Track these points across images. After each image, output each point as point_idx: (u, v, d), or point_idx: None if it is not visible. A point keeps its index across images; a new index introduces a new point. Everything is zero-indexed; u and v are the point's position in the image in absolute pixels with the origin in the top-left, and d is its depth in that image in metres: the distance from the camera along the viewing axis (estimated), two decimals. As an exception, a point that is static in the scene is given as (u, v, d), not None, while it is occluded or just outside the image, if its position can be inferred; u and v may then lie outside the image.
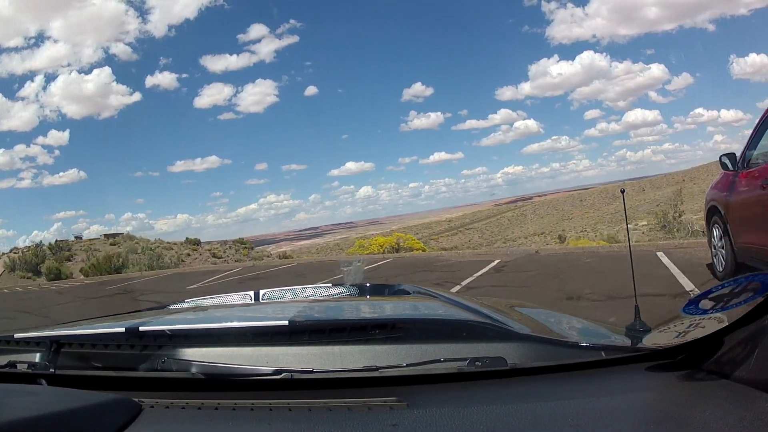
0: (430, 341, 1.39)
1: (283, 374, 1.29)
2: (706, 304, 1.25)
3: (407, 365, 1.29)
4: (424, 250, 23.57)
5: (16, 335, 1.62)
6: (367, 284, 3.01)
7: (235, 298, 2.87)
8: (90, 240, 42.89)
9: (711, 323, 1.23)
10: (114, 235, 43.37)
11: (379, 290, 2.95)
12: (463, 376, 1.29)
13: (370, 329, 1.43)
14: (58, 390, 1.32)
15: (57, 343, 1.52)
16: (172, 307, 2.77)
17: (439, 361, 1.29)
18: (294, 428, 1.13)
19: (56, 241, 39.21)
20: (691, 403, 1.14)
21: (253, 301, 2.74)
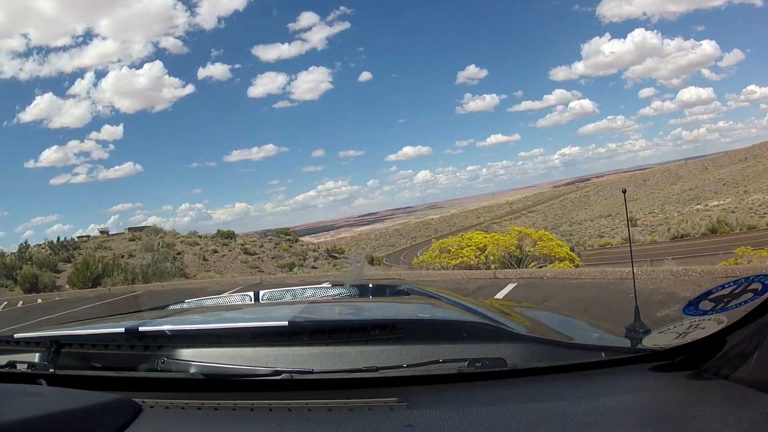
0: (430, 342, 1.39)
1: (283, 375, 1.29)
2: (706, 305, 1.25)
3: (407, 366, 1.29)
4: (574, 263, 12.97)
5: (16, 335, 1.62)
6: (367, 285, 3.01)
7: (235, 298, 2.89)
8: (109, 236, 38.92)
9: (711, 324, 1.23)
10: (138, 229, 39.52)
11: (380, 291, 2.97)
12: (463, 376, 1.29)
13: (370, 330, 1.43)
14: (57, 390, 1.32)
15: (57, 343, 1.52)
16: (172, 307, 2.77)
17: (439, 362, 1.29)
18: (294, 429, 1.13)
19: (58, 239, 34.44)
20: (691, 403, 1.14)
21: (253, 302, 2.75)
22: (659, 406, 1.15)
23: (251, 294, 2.81)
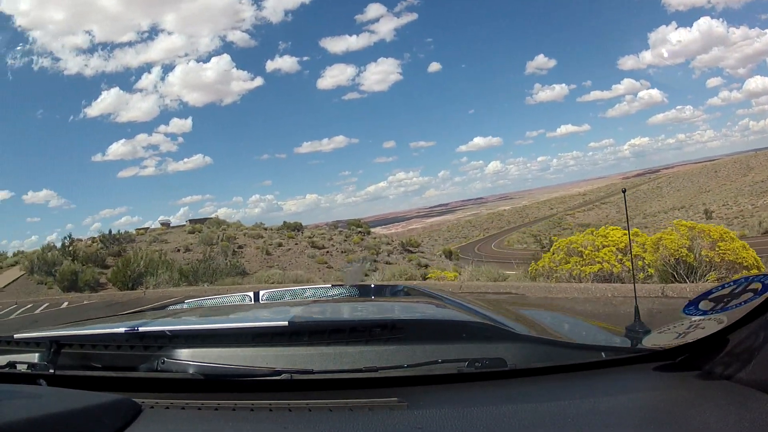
0: (430, 342, 1.39)
1: (283, 375, 1.30)
2: (706, 305, 1.26)
3: (407, 366, 1.29)
4: (761, 272, 5.55)
5: (16, 335, 1.62)
6: (367, 285, 3.02)
7: (235, 298, 2.91)
8: (169, 228, 36.83)
9: (711, 324, 1.23)
10: (200, 220, 37.43)
11: (380, 291, 3.00)
12: (464, 377, 1.29)
13: (371, 330, 1.43)
14: (57, 390, 1.32)
15: (57, 343, 1.52)
16: (172, 307, 2.81)
17: (439, 362, 1.30)
18: (294, 429, 1.13)
19: (110, 232, 31.64)
20: (691, 403, 1.14)
21: (253, 302, 2.77)
22: (659, 406, 1.15)
23: (251, 294, 2.84)
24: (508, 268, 18.00)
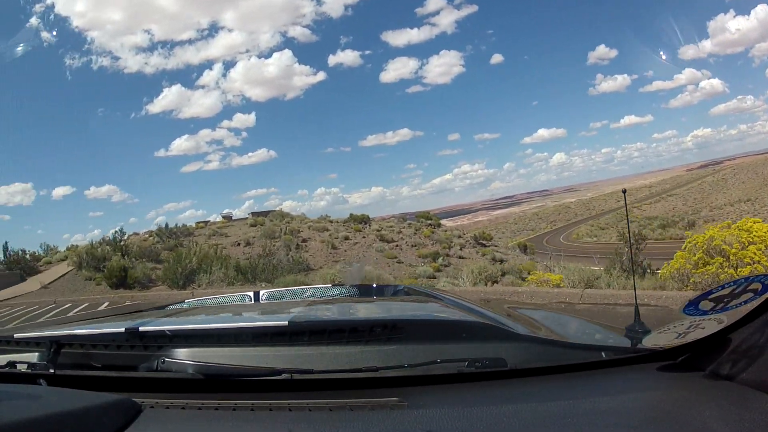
0: (430, 342, 1.40)
1: (283, 375, 1.30)
2: (706, 305, 1.26)
3: (407, 366, 1.30)
4: None
5: (16, 335, 1.63)
6: (368, 285, 3.11)
7: (235, 298, 2.87)
8: (231, 221, 35.02)
9: (711, 324, 1.24)
10: (263, 213, 35.53)
11: (380, 291, 3.00)
12: (464, 376, 1.29)
13: (371, 330, 1.44)
14: (57, 390, 1.31)
15: (57, 343, 1.51)
16: (172, 307, 2.77)
17: (439, 362, 1.30)
18: (294, 429, 1.13)
19: (166, 226, 30.32)
20: (691, 403, 1.14)
21: (253, 302, 2.76)
22: (659, 406, 1.15)
23: (251, 294, 2.80)
24: (587, 263, 16.49)
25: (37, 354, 1.55)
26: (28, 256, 29.66)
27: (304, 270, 21.95)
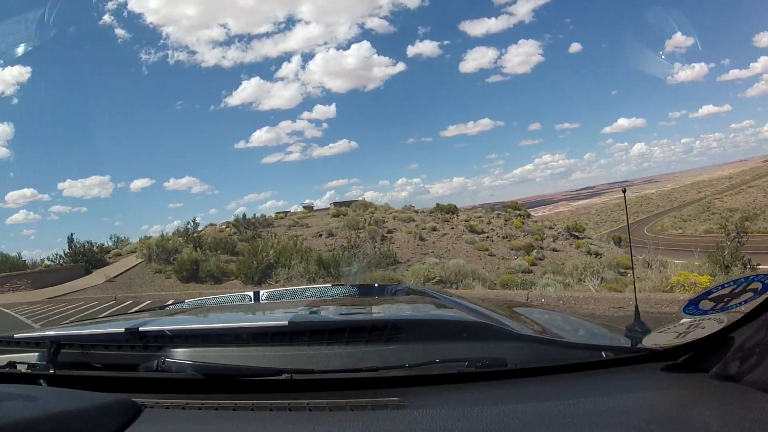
0: (430, 342, 1.40)
1: (283, 375, 1.30)
2: (706, 304, 1.25)
3: (407, 366, 1.30)
4: None
5: (16, 335, 1.62)
6: (368, 285, 3.11)
7: (235, 298, 2.87)
8: (312, 211, 33.70)
9: (711, 324, 1.24)
10: (345, 203, 34.58)
11: (380, 291, 2.98)
12: (464, 376, 1.30)
13: (371, 330, 1.45)
14: (57, 391, 1.31)
15: (57, 343, 1.51)
16: (171, 307, 2.81)
17: (439, 361, 1.30)
18: (294, 428, 1.13)
19: (244, 216, 28.86)
20: (691, 403, 1.15)
21: (253, 302, 2.74)
22: (659, 406, 1.15)
23: (251, 294, 2.80)
24: (686, 257, 15.62)
25: (37, 354, 1.55)
26: (95, 248, 28.60)
27: (392, 264, 19.80)
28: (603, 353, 1.40)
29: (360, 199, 36.30)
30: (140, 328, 1.47)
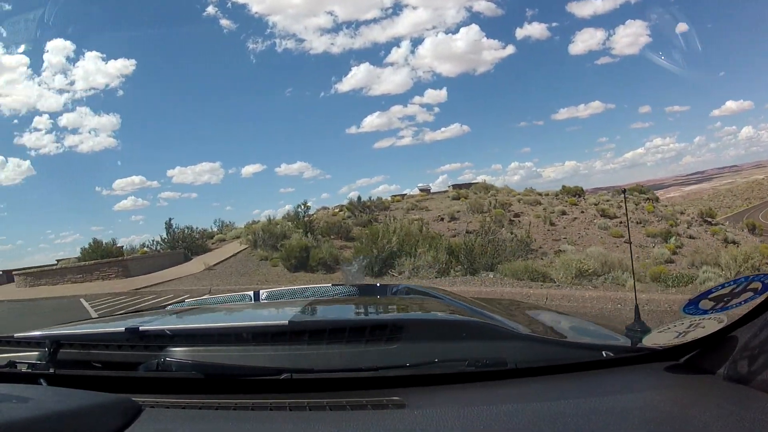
0: (430, 342, 1.40)
1: (283, 375, 1.30)
2: (706, 304, 1.25)
3: (407, 366, 1.30)
4: None
5: (16, 335, 1.62)
6: (368, 284, 3.15)
7: (235, 298, 2.86)
8: (430, 194, 31.59)
9: (711, 323, 1.24)
10: (464, 185, 32.39)
11: (380, 290, 3.01)
12: (464, 376, 1.30)
13: (371, 330, 1.46)
14: (58, 390, 1.30)
15: (57, 343, 1.51)
16: (171, 307, 2.76)
17: (439, 361, 1.30)
18: (294, 428, 1.13)
19: (359, 199, 26.88)
20: (691, 402, 1.14)
21: (253, 301, 2.73)
22: (659, 406, 1.14)
23: (251, 293, 2.79)
24: None
25: (37, 353, 1.54)
26: (196, 234, 27.18)
27: (527, 251, 17.23)
28: (603, 353, 1.40)
29: (480, 180, 34.09)
30: (140, 328, 1.48)
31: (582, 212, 24.92)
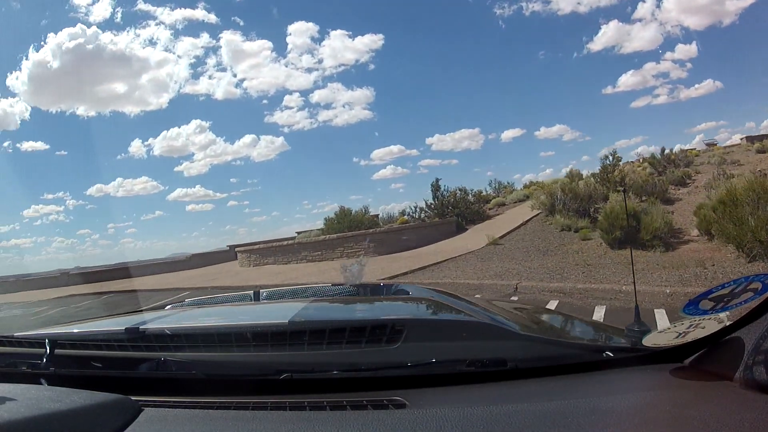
0: (430, 342, 1.39)
1: (283, 375, 1.29)
2: (706, 304, 1.25)
3: (408, 366, 1.29)
4: None
5: (17, 334, 1.62)
6: (368, 284, 3.03)
7: (235, 297, 2.86)
8: (724, 148, 28.44)
9: (711, 324, 1.24)
10: (756, 138, 28.76)
11: (380, 290, 2.98)
12: (464, 376, 1.29)
13: (371, 330, 1.44)
14: (58, 390, 1.29)
15: (57, 342, 1.51)
16: (171, 306, 2.75)
17: (439, 361, 1.30)
18: (294, 428, 1.12)
19: (662, 151, 23.22)
20: (691, 403, 1.14)
21: (253, 301, 2.73)
22: (659, 406, 1.14)
23: (251, 293, 2.78)
24: None
25: (37, 353, 1.53)
26: (470, 197, 22.65)
27: None
28: (603, 353, 1.39)
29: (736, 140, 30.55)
30: (140, 328, 1.48)
31: None
